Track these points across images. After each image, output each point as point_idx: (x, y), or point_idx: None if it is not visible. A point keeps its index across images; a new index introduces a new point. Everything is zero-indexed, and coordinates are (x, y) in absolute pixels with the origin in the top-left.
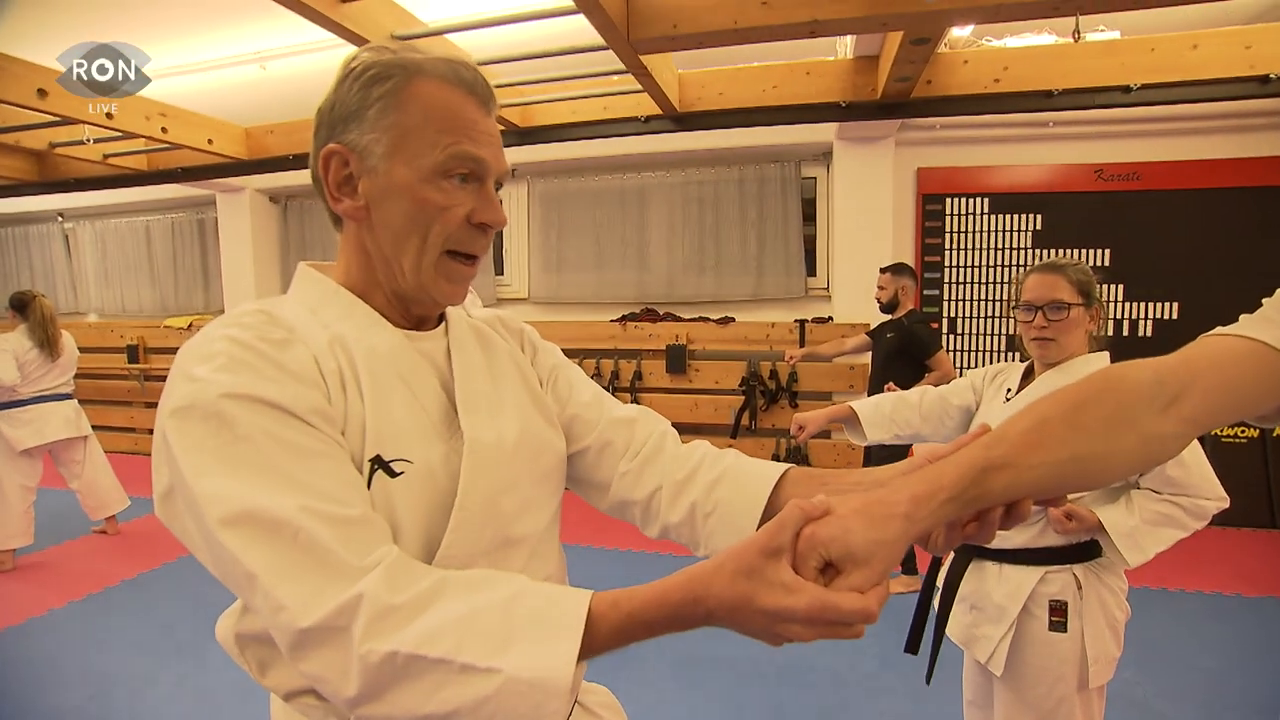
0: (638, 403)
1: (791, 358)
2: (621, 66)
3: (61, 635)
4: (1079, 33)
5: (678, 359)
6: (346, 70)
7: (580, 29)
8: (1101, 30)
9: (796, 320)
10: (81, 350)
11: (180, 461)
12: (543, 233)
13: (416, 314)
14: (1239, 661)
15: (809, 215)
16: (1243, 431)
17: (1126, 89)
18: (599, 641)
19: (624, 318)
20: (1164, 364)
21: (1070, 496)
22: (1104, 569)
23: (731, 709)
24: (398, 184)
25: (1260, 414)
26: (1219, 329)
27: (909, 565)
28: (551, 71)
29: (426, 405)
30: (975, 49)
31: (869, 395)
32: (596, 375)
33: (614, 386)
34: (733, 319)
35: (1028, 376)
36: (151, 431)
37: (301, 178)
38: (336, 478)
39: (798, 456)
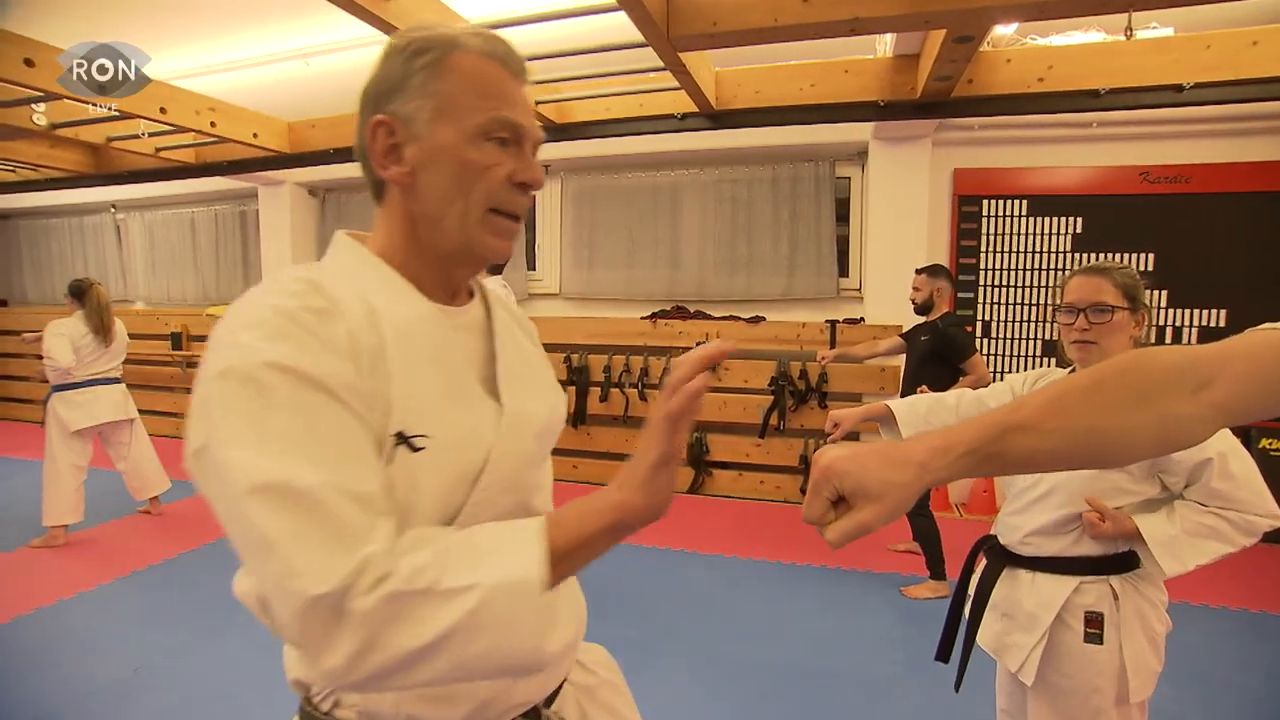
0: None
1: (824, 358)
2: (659, 64)
3: (108, 609)
4: (1130, 30)
5: None
6: (389, 49)
7: (618, 26)
8: (1154, 27)
9: (827, 321)
10: (129, 337)
11: (216, 422)
12: (575, 229)
13: (458, 278)
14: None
15: (842, 215)
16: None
17: (1179, 88)
18: (559, 548)
19: (654, 315)
20: (1199, 349)
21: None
22: (1142, 580)
23: (753, 712)
24: (442, 146)
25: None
26: (1267, 324)
27: (937, 571)
28: (588, 68)
29: (455, 379)
30: (1019, 47)
31: (902, 397)
32: (626, 371)
33: (643, 383)
34: (763, 318)
35: None
36: None
37: (340, 171)
38: (358, 454)
39: None
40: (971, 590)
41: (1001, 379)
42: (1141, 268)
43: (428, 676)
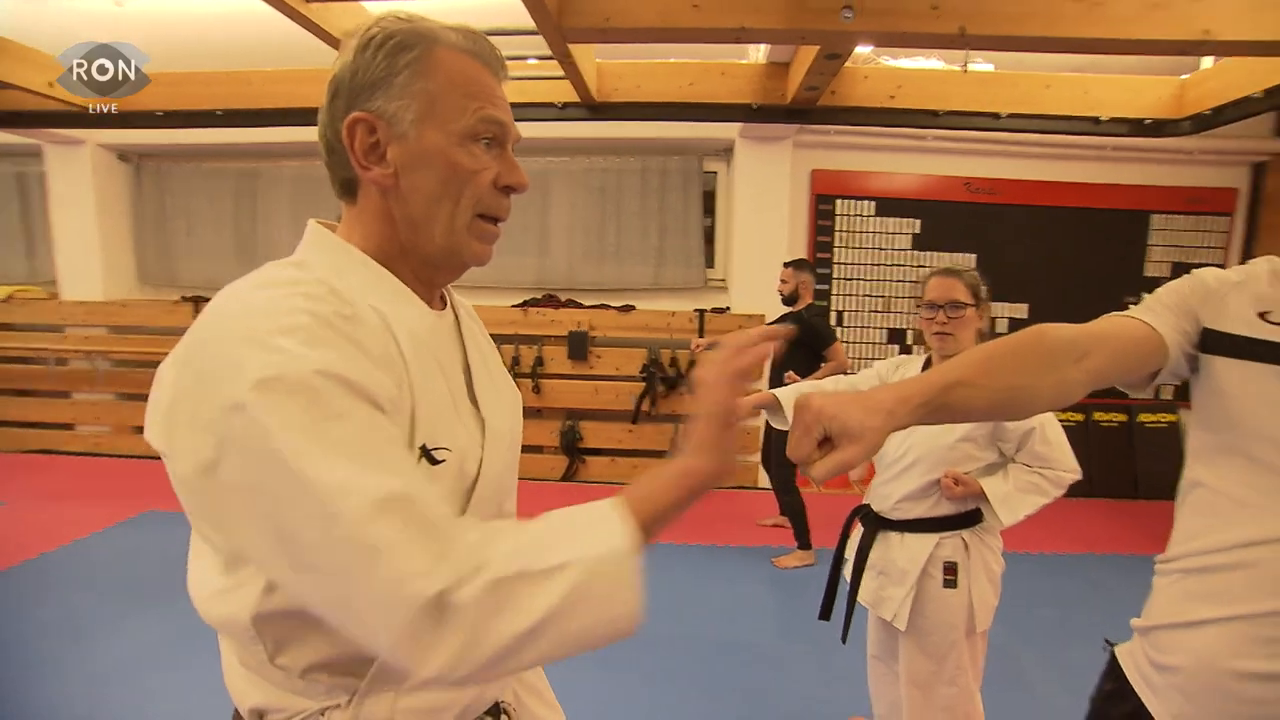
0: (538, 389)
1: (698, 346)
2: (544, 51)
3: None
4: (966, 65)
5: (579, 345)
6: (366, 39)
7: (504, 8)
8: (979, 63)
9: (696, 310)
10: None
11: (271, 436)
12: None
13: (440, 282)
14: (1078, 608)
15: (708, 208)
16: (1114, 417)
17: (996, 115)
18: (642, 520)
19: (525, 303)
20: (1078, 329)
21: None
22: (985, 531)
23: (647, 682)
24: (430, 149)
25: (1131, 381)
26: (1117, 312)
27: (804, 541)
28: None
29: (455, 390)
30: (875, 66)
31: (770, 384)
32: None
33: (515, 372)
34: (634, 307)
35: (926, 367)
36: None
37: (164, 136)
38: (412, 464)
39: None
40: (849, 554)
41: (855, 365)
42: (965, 265)
43: (531, 659)
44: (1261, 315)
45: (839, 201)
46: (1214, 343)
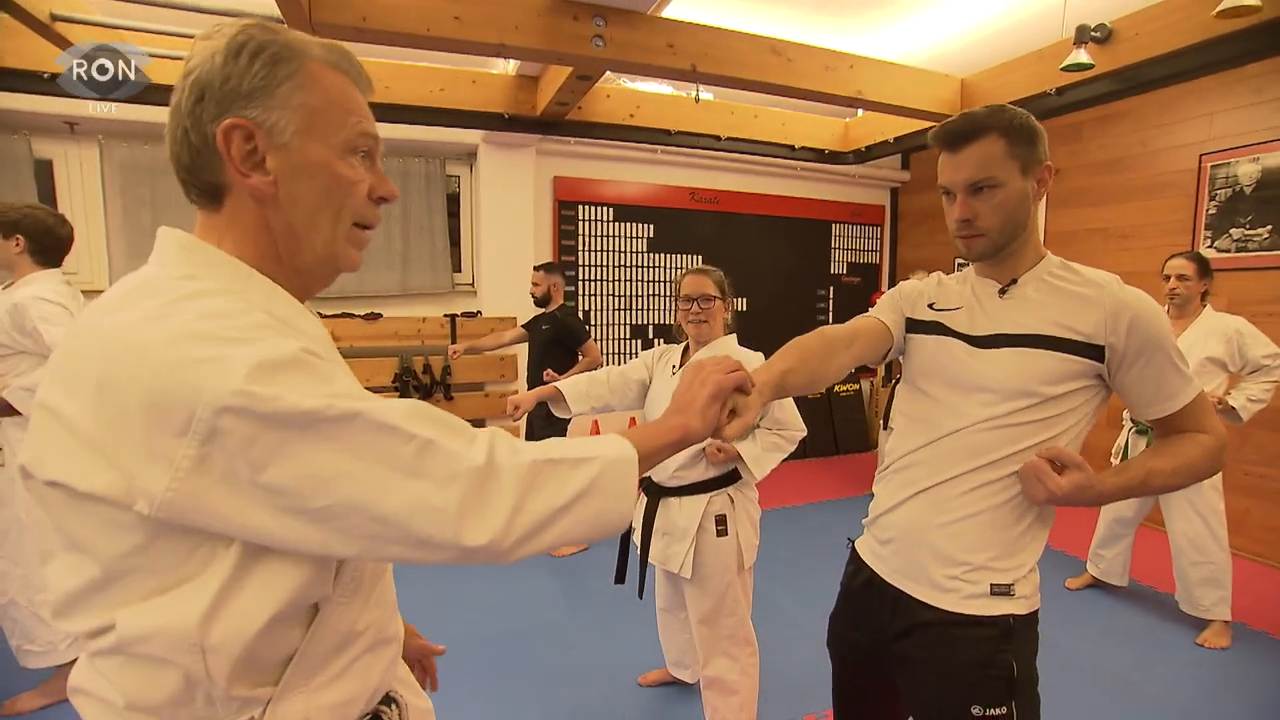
0: None
1: (455, 352)
2: None
3: None
4: (699, 97)
5: None
6: (236, 46)
7: None
8: (704, 90)
9: (447, 315)
10: None
11: (286, 402)
12: (126, 211)
13: (312, 291)
14: (806, 546)
15: (452, 211)
16: (851, 387)
17: (718, 137)
18: (641, 449)
19: None
20: (843, 327)
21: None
22: (745, 486)
23: (454, 683)
24: (314, 160)
25: (875, 359)
26: (864, 314)
27: None
28: (187, 26)
29: None
30: (616, 86)
31: (529, 382)
32: None
33: None
34: (380, 315)
35: (685, 353)
36: None
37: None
38: None
39: None
40: (637, 523)
41: (606, 360)
42: (692, 265)
43: (555, 535)
44: (930, 306)
45: (581, 207)
46: (909, 326)
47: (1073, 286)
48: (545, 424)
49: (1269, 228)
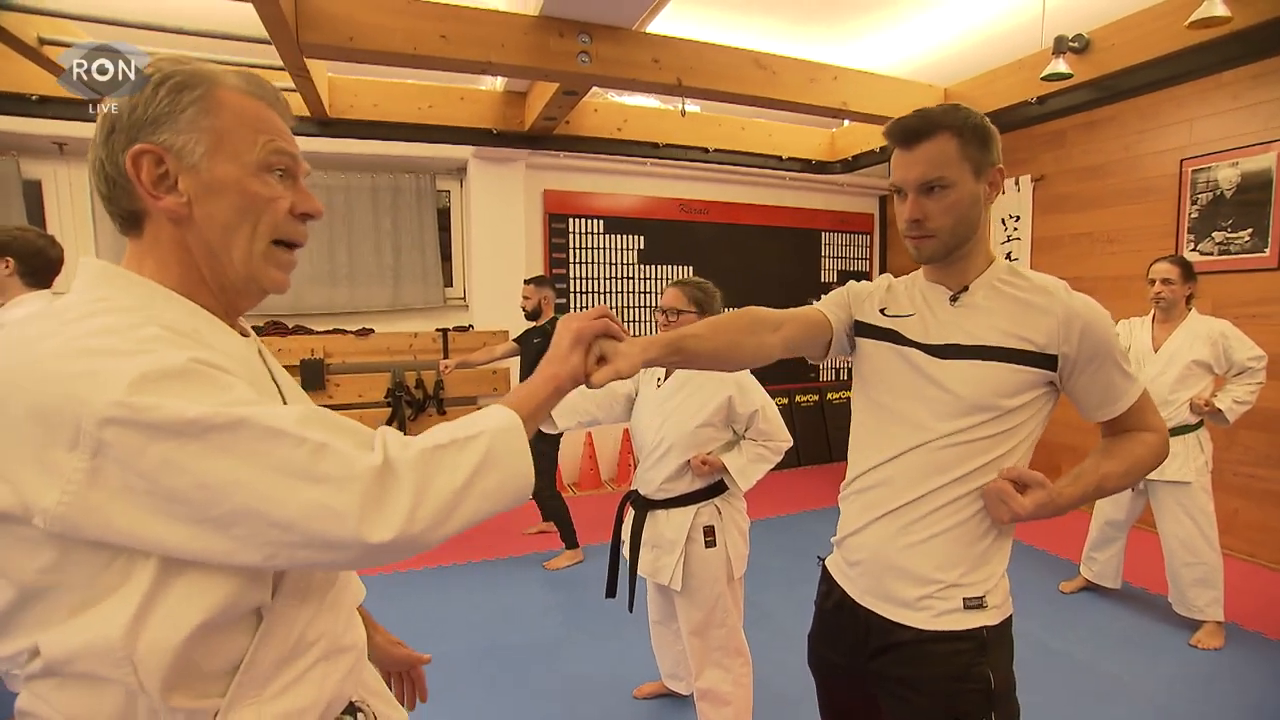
0: None
1: (446, 367)
2: (273, 61)
3: None
4: (684, 110)
5: (315, 374)
6: (142, 79)
7: (233, 12)
8: (692, 105)
9: (438, 329)
10: None
11: (168, 412)
12: (114, 230)
13: (241, 309)
14: (801, 555)
15: (442, 226)
16: (810, 398)
17: (705, 150)
18: (523, 413)
19: None
20: (779, 311)
21: (708, 451)
22: (733, 497)
23: (449, 696)
24: (223, 180)
25: (813, 350)
26: (813, 304)
27: (571, 541)
28: (184, 50)
29: None
30: (604, 100)
31: None
32: None
33: None
34: (372, 330)
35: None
36: None
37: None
38: None
39: None
40: (625, 535)
41: None
42: (684, 275)
43: (464, 516)
44: (881, 311)
45: (571, 220)
46: (860, 329)
47: (1022, 294)
48: (535, 438)
49: (1250, 231)
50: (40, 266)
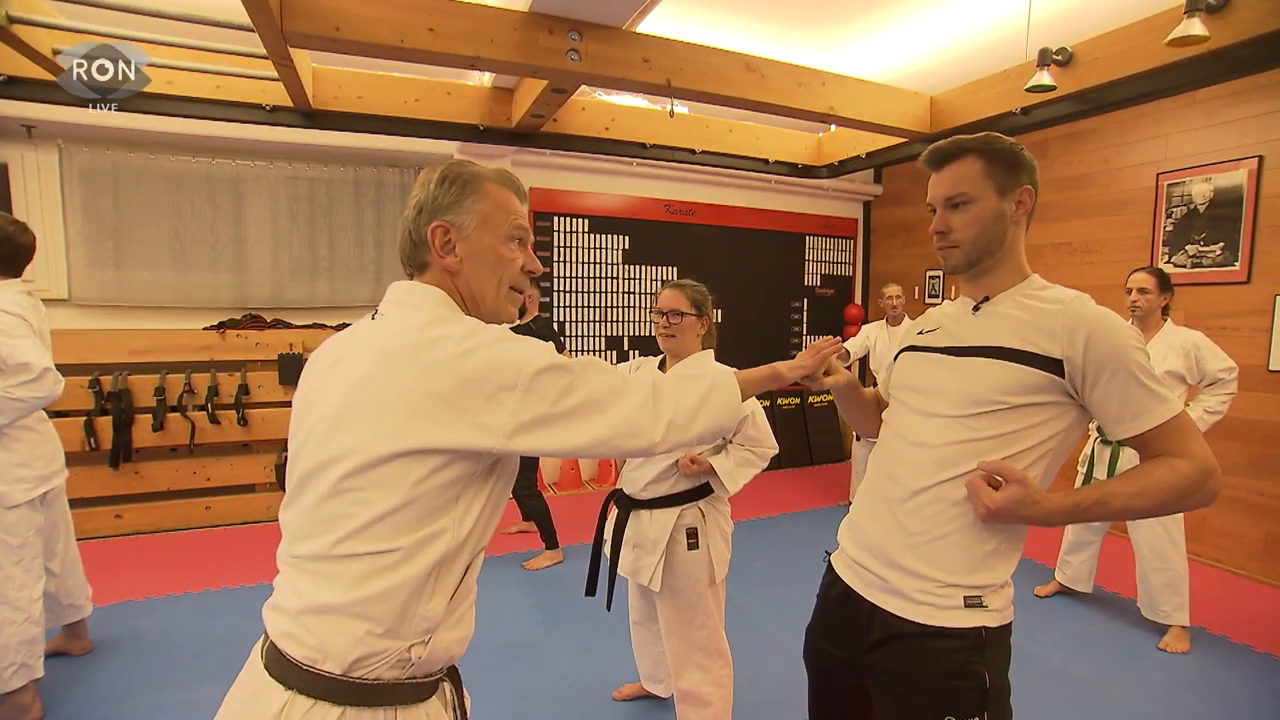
0: (245, 421)
1: None
2: (255, 49)
3: None
4: (673, 111)
5: (292, 369)
6: (441, 178)
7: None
8: (679, 104)
9: None
10: None
11: (572, 381)
12: (88, 218)
13: None
14: (780, 559)
15: None
16: (791, 401)
17: (692, 151)
18: (740, 378)
19: (223, 325)
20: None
21: (697, 450)
22: (717, 500)
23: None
24: (484, 246)
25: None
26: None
27: (551, 542)
28: (162, 34)
29: None
30: (592, 99)
31: None
32: (189, 391)
33: (215, 403)
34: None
35: (661, 366)
36: None
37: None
38: None
39: None
40: (608, 534)
41: None
42: (669, 276)
43: (702, 424)
44: (919, 333)
45: (556, 219)
46: (901, 350)
47: (1040, 304)
48: None
49: (1221, 245)
50: (10, 254)
